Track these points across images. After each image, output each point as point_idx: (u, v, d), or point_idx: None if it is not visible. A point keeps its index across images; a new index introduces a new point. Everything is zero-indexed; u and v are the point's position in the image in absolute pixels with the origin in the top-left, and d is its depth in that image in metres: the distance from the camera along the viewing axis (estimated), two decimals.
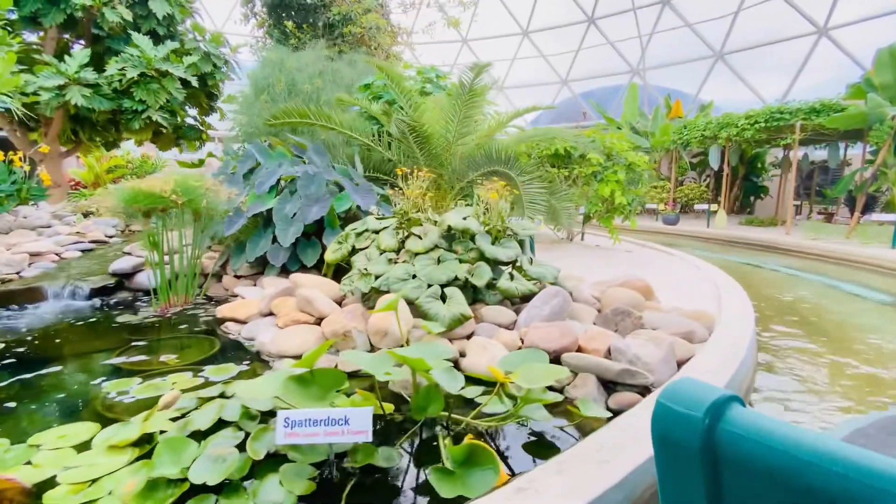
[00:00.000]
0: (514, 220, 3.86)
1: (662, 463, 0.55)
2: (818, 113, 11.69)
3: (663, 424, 0.52)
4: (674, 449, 0.51)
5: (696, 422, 0.48)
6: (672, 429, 0.51)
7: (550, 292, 3.11)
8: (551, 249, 7.66)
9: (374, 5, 14.72)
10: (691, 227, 13.75)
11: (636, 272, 5.86)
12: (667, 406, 0.52)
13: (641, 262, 6.72)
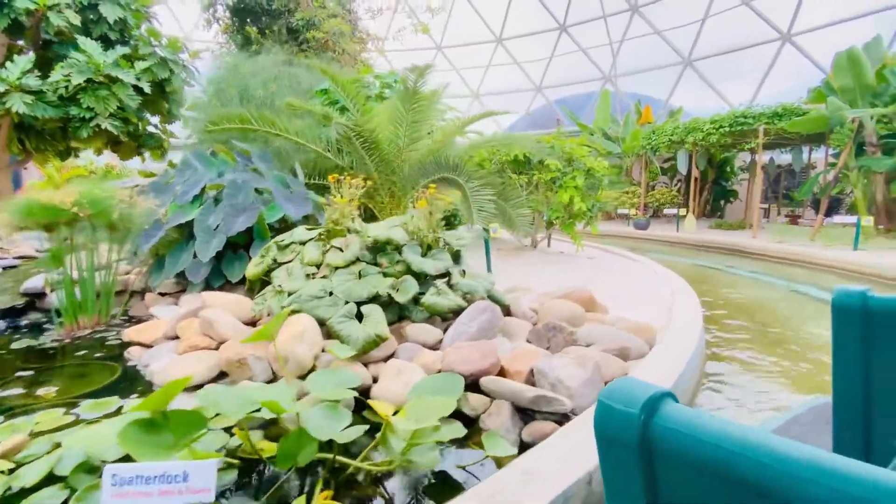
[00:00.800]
0: (462, 229, 3.63)
1: (605, 459, 0.56)
2: (780, 117, 11.83)
3: (604, 422, 0.53)
4: (613, 445, 0.53)
5: (633, 418, 0.50)
6: (611, 426, 0.52)
7: (479, 307, 2.87)
8: (513, 257, 7.47)
9: (339, 11, 14.51)
10: (661, 232, 13.76)
11: (593, 279, 5.70)
12: (606, 404, 0.53)
13: (601, 269, 6.57)
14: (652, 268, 6.51)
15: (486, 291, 3.15)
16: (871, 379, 1.08)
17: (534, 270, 6.33)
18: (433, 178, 5.52)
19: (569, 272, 6.24)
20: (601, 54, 26.22)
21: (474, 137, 7.58)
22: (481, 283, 3.16)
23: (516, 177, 7.29)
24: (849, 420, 1.13)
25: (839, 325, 1.10)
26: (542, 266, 6.73)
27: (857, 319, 1.06)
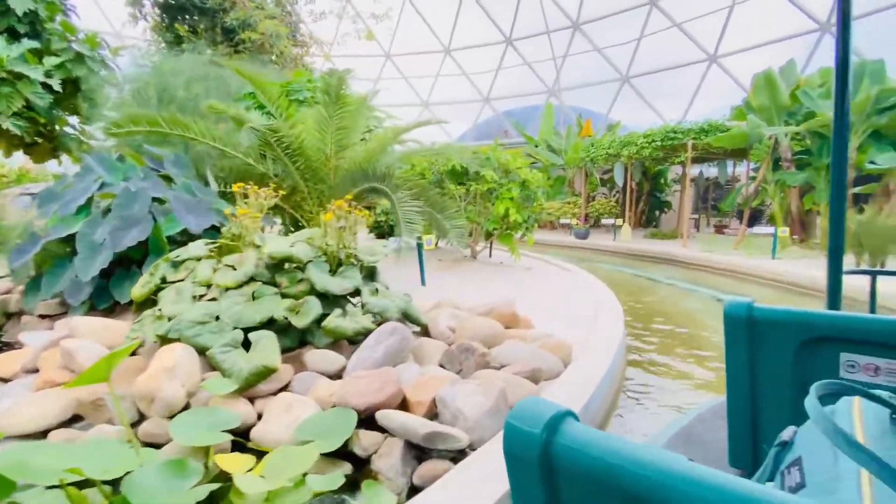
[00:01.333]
0: (393, 241, 3.40)
1: (512, 478, 0.57)
2: (706, 133, 12.51)
3: (510, 442, 0.55)
4: (519, 464, 0.55)
5: (535, 437, 0.52)
6: (517, 445, 0.54)
7: (386, 330, 2.66)
8: (451, 268, 7.33)
9: (278, 13, 14.00)
10: (600, 241, 14.16)
11: (526, 291, 5.65)
12: (512, 425, 0.54)
13: (536, 280, 6.55)
14: (584, 279, 6.57)
15: (401, 310, 2.95)
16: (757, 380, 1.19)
17: (469, 282, 6.21)
18: (362, 188, 5.28)
19: (503, 284, 6.17)
20: (546, 68, 27.00)
21: (414, 147, 7.40)
22: (395, 301, 2.96)
23: (454, 187, 7.18)
24: (740, 417, 1.23)
25: (729, 332, 1.19)
26: (478, 278, 6.63)
27: (743, 327, 1.16)
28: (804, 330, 1.11)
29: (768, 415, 1.20)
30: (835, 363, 1.08)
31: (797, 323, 1.12)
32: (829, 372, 1.10)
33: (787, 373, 1.14)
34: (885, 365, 1.02)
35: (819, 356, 1.10)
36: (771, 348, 1.15)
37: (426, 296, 5.25)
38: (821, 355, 1.10)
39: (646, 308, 6.25)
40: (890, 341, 1.01)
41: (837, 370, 1.08)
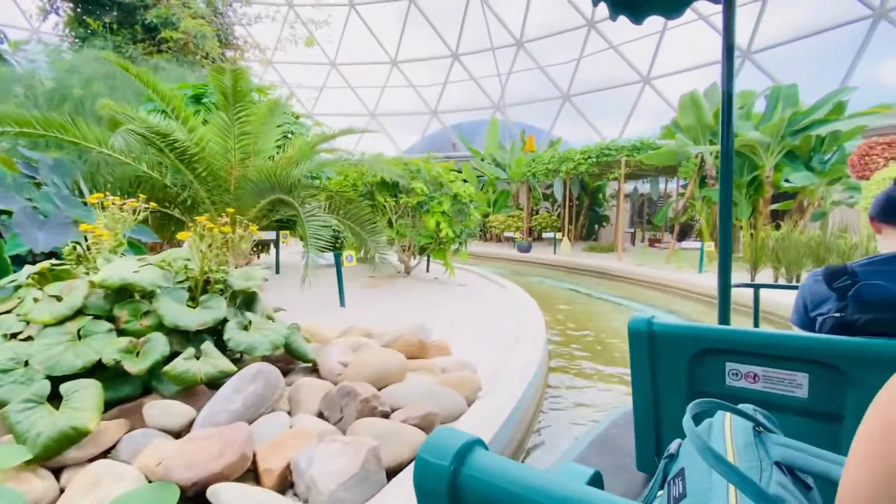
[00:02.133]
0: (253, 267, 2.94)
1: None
2: (639, 150, 12.91)
3: (420, 476, 0.54)
4: (429, 498, 0.54)
5: (444, 469, 0.52)
6: (427, 479, 0.54)
7: (248, 373, 2.22)
8: (381, 286, 6.92)
9: (207, 13, 13.19)
10: (541, 255, 14.22)
11: (451, 311, 5.33)
12: (423, 458, 0.54)
13: (466, 298, 6.27)
14: (516, 296, 6.36)
15: (275, 346, 2.51)
16: (658, 389, 1.27)
17: (396, 301, 5.82)
18: (269, 200, 4.79)
19: (432, 302, 5.83)
20: (492, 84, 27.37)
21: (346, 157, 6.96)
22: (269, 336, 2.51)
23: (382, 200, 6.80)
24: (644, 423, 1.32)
25: (633, 345, 1.28)
26: (408, 296, 6.26)
27: (644, 340, 1.25)
28: (695, 342, 1.20)
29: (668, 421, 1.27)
30: (722, 372, 1.18)
31: (689, 336, 1.21)
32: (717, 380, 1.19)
33: (682, 381, 1.23)
34: (762, 372, 1.13)
35: (708, 366, 1.20)
36: (668, 359, 1.24)
37: (343, 319, 4.81)
38: (710, 365, 1.19)
39: (577, 323, 6.11)
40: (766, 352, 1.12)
41: (724, 378, 1.18)
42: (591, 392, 3.91)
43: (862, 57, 15.53)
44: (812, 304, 1.29)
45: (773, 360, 1.12)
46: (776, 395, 1.13)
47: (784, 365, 1.11)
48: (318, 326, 3.78)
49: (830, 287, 1.22)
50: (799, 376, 1.10)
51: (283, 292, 6.09)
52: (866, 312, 1.13)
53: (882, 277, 1.16)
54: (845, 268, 1.23)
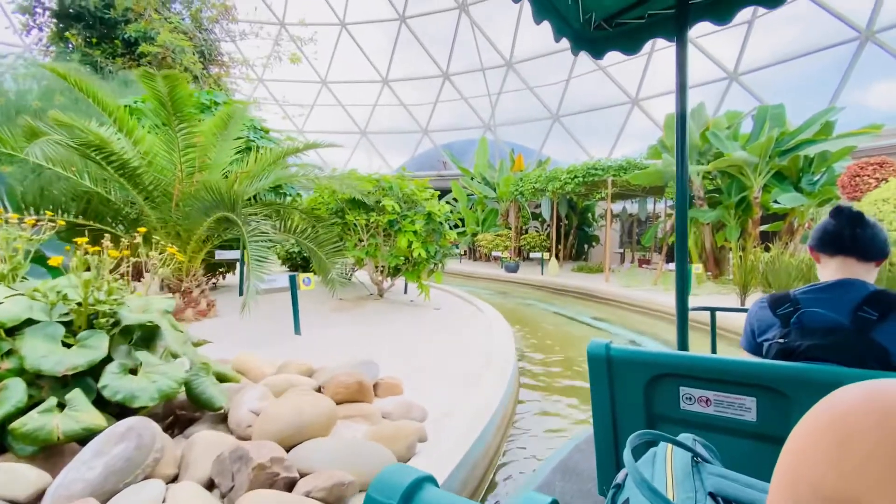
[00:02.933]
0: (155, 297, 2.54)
1: None
2: (625, 170, 12.69)
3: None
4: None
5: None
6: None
7: (115, 432, 1.81)
8: (348, 311, 6.50)
9: (188, 27, 13.00)
10: (527, 275, 13.85)
11: (417, 340, 4.91)
12: (371, 497, 0.53)
13: (438, 324, 5.86)
14: (491, 322, 5.96)
15: (170, 393, 2.10)
16: (616, 412, 1.31)
17: (358, 328, 5.40)
18: (215, 218, 4.41)
19: (397, 330, 5.41)
20: (482, 104, 27.41)
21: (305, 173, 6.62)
22: (160, 380, 2.10)
23: (352, 218, 6.44)
24: (604, 447, 1.34)
25: (592, 369, 1.31)
26: (373, 322, 5.84)
27: (603, 365, 1.29)
28: (651, 367, 1.22)
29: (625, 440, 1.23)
30: (676, 396, 1.20)
31: (645, 361, 1.23)
32: (672, 404, 1.21)
33: (639, 405, 1.24)
34: (713, 396, 1.16)
35: (664, 390, 1.22)
36: (626, 384, 1.26)
37: (294, 349, 4.40)
38: (665, 389, 1.22)
39: (556, 351, 5.70)
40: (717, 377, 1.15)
41: (679, 402, 1.20)
42: (562, 430, 3.50)
43: (848, 80, 15.58)
44: (759, 330, 1.33)
45: (723, 384, 1.14)
46: (727, 418, 1.14)
47: (734, 389, 1.13)
48: (251, 361, 3.36)
49: (774, 314, 1.28)
50: (748, 400, 1.12)
51: (238, 318, 5.66)
52: (807, 338, 1.17)
53: (821, 305, 1.21)
54: (788, 295, 1.29)
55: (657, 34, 2.22)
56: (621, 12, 2.19)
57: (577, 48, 2.30)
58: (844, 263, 1.29)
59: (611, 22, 2.25)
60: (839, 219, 1.33)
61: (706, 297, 9.22)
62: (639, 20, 2.21)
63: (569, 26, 2.22)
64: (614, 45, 2.30)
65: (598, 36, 2.31)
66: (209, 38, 14.24)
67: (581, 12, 2.18)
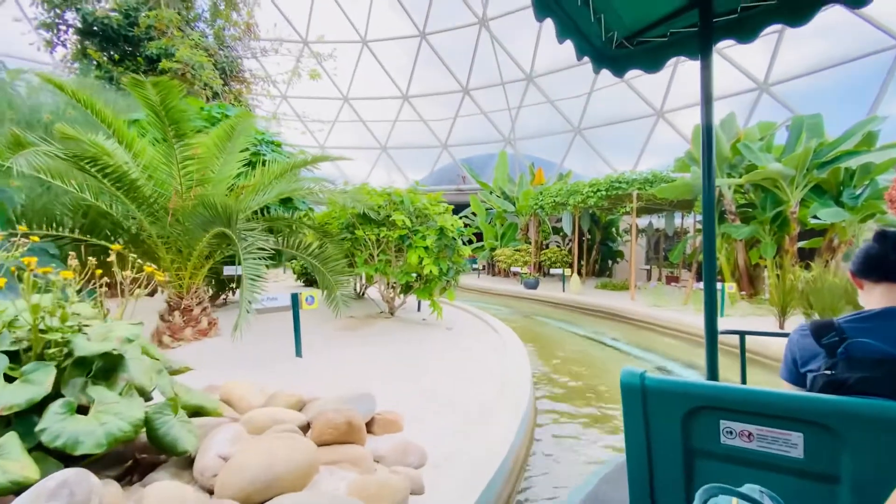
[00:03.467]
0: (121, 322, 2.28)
1: None
2: (651, 183, 12.18)
3: None
4: None
5: None
6: None
7: (45, 490, 1.51)
8: (356, 330, 6.20)
9: (211, 45, 13.21)
10: (548, 292, 13.36)
11: (428, 362, 4.56)
12: None
13: (449, 346, 5.49)
14: (506, 344, 5.57)
15: (120, 437, 1.80)
16: (652, 444, 1.24)
17: (364, 350, 5.08)
18: (213, 233, 4.19)
19: (404, 353, 5.08)
20: (502, 118, 27.24)
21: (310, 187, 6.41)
22: (111, 421, 1.81)
23: (362, 233, 6.18)
24: (638, 479, 1.28)
25: (626, 399, 1.25)
26: (380, 343, 5.52)
27: (637, 395, 1.23)
28: (688, 399, 1.16)
29: (663, 477, 1.23)
30: (716, 429, 1.14)
31: (682, 393, 1.17)
32: (711, 437, 1.15)
33: (676, 438, 1.19)
34: (756, 431, 1.09)
35: (702, 423, 1.16)
36: (662, 415, 1.20)
37: (293, 374, 4.11)
38: (704, 422, 1.15)
39: (578, 377, 5.26)
40: (760, 410, 1.09)
41: (719, 436, 1.14)
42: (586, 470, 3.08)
43: (887, 89, 14.78)
44: (801, 360, 1.28)
45: (767, 418, 1.09)
46: (772, 454, 1.09)
47: (778, 424, 1.08)
48: (239, 390, 3.07)
49: (819, 343, 1.22)
50: (794, 436, 1.07)
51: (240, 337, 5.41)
52: (856, 371, 1.11)
53: (869, 335, 1.15)
54: (832, 323, 1.23)
55: (680, 52, 2.21)
56: (643, 31, 2.18)
57: (598, 66, 2.30)
58: (890, 290, 1.22)
59: (633, 40, 2.25)
60: (883, 243, 1.25)
61: (740, 320, 8.62)
62: (661, 38, 2.21)
63: (590, 45, 2.21)
64: (636, 64, 2.30)
65: (620, 54, 2.30)
66: (230, 55, 14.45)
67: (603, 31, 2.15)
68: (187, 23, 13.45)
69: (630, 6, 2.05)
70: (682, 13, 2.03)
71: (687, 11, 2.02)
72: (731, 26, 2.04)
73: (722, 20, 2.04)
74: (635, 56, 2.29)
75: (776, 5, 1.92)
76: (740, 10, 2.00)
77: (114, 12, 12.46)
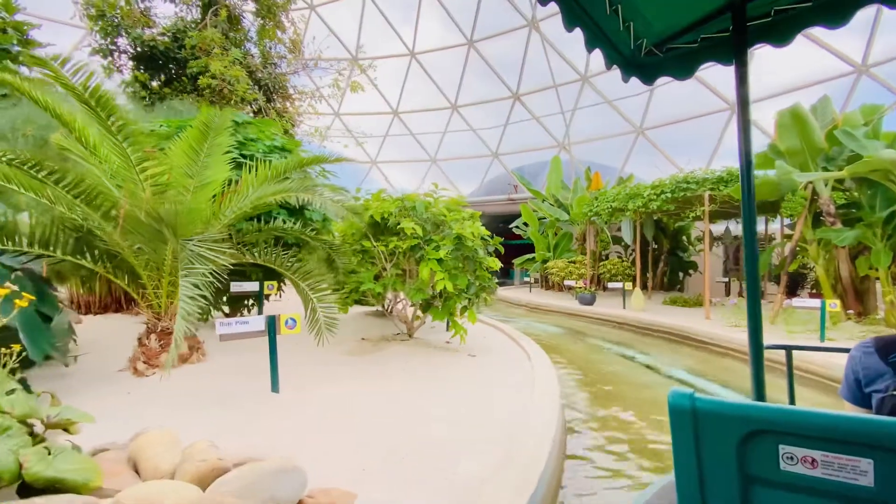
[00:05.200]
0: None
1: None
2: (726, 183, 10.49)
3: None
4: None
5: None
6: None
7: None
8: (365, 355, 5.38)
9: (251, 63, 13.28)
10: (606, 309, 11.88)
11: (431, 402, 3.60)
12: None
13: (465, 379, 4.50)
14: (539, 378, 4.48)
15: None
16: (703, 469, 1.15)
17: (356, 387, 4.22)
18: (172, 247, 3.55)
19: (410, 388, 4.16)
20: (556, 122, 25.89)
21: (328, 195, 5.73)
22: None
23: (370, 245, 5.40)
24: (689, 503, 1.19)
25: (674, 423, 1.17)
26: (382, 376, 4.63)
27: (688, 417, 1.14)
28: (743, 423, 1.10)
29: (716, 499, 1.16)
30: (775, 455, 1.09)
31: (736, 416, 1.12)
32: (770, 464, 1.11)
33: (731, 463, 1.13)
34: (820, 457, 1.03)
35: (760, 448, 1.10)
36: (714, 439, 1.14)
37: (258, 417, 3.33)
38: (761, 447, 1.10)
39: (632, 426, 4.06)
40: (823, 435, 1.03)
41: (778, 462, 1.09)
42: None
43: None
44: (865, 380, 1.21)
45: (832, 443, 1.00)
46: (838, 482, 1.00)
47: (846, 450, 0.98)
48: (156, 445, 2.34)
49: (886, 361, 1.17)
50: (863, 462, 0.97)
51: (225, 364, 4.77)
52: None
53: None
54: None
55: (712, 58, 2.16)
56: (674, 37, 2.15)
57: (627, 75, 2.28)
58: None
59: (662, 47, 2.22)
60: None
61: (848, 344, 6.82)
62: (692, 44, 2.18)
63: (619, 53, 2.20)
64: (666, 71, 2.28)
65: (650, 62, 2.29)
66: (273, 72, 14.52)
67: (632, 39, 2.14)
68: (235, 44, 13.66)
69: (660, 13, 2.02)
70: (714, 18, 1.98)
71: (719, 16, 1.97)
72: (765, 30, 1.99)
73: (755, 24, 1.97)
74: (665, 63, 2.26)
75: (811, 7, 1.86)
76: (774, 13, 1.94)
77: (162, 36, 12.88)
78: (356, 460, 2.66)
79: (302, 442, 2.90)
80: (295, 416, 3.37)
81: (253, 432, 3.05)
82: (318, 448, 2.82)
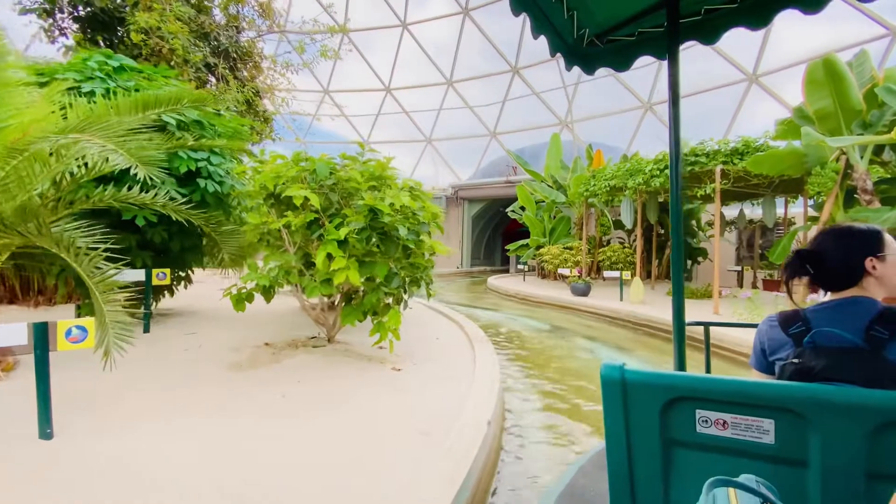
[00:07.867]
0: None
1: None
2: (741, 155, 8.92)
3: None
4: None
5: None
6: None
7: None
8: (260, 366, 4.06)
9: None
10: (600, 301, 10.44)
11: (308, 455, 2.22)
12: None
13: (366, 414, 3.14)
14: (475, 405, 3.12)
15: None
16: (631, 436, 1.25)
17: (210, 426, 2.89)
18: None
19: (278, 426, 2.82)
20: (557, 98, 24.15)
21: None
22: None
23: (258, 219, 4.04)
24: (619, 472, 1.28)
25: (606, 393, 1.25)
26: (260, 404, 3.30)
27: (618, 388, 1.24)
28: (667, 391, 1.19)
29: (642, 468, 1.26)
30: (692, 419, 1.18)
31: (661, 385, 1.20)
32: (688, 427, 1.19)
33: (655, 429, 1.22)
34: (730, 419, 1.14)
35: (679, 414, 1.19)
36: (641, 407, 1.23)
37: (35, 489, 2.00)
38: (681, 413, 1.19)
39: None
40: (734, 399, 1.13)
41: (695, 425, 1.18)
42: None
43: None
44: (770, 349, 1.32)
45: (740, 406, 1.13)
46: (745, 441, 1.14)
47: (752, 412, 1.12)
48: None
49: (786, 333, 1.27)
50: (766, 423, 1.11)
51: (31, 379, 3.48)
52: (822, 359, 1.17)
53: (834, 324, 1.20)
54: (798, 313, 1.27)
55: (647, 52, 2.30)
56: (613, 29, 2.25)
57: (569, 64, 2.35)
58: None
59: (602, 38, 2.32)
60: None
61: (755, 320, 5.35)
62: (629, 38, 2.30)
63: (563, 42, 2.27)
64: (605, 62, 2.38)
65: (591, 52, 2.37)
66: (234, 36, 13.07)
67: (575, 28, 2.21)
68: (193, 7, 12.23)
69: (601, 3, 2.10)
70: (651, 13, 2.10)
71: (655, 12, 2.09)
72: (695, 27, 2.14)
73: (688, 21, 2.12)
74: (605, 54, 2.36)
75: (737, 8, 2.01)
76: (704, 11, 2.10)
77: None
78: None
79: None
80: (40, 484, 2.06)
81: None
82: None
